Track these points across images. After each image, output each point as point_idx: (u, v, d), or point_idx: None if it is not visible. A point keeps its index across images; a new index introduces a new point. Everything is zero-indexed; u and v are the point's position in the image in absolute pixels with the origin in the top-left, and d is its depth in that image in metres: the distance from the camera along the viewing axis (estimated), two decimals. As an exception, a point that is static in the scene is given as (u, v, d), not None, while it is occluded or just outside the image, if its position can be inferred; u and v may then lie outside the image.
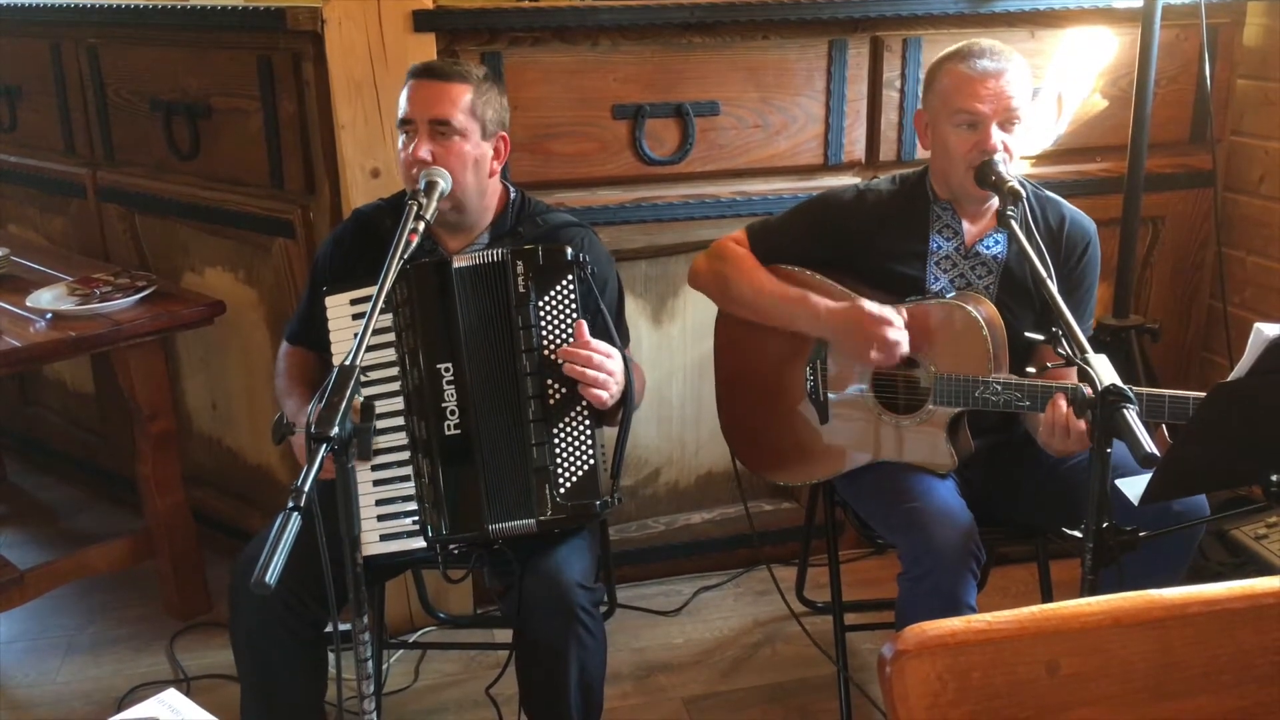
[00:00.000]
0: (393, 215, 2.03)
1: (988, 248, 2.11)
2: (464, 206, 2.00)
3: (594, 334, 1.88)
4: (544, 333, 1.87)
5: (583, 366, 1.83)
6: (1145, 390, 1.81)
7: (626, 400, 1.91)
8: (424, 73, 1.98)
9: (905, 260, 2.11)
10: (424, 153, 1.92)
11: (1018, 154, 2.02)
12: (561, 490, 1.87)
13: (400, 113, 1.97)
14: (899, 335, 1.98)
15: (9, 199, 3.38)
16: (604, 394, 1.85)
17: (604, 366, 1.85)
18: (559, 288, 1.87)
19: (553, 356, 1.86)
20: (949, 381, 1.99)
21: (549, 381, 1.87)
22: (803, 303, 2.10)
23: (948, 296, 2.06)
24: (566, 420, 1.87)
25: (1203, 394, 1.76)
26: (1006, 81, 1.97)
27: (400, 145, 1.98)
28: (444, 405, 1.88)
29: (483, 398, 1.88)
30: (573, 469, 1.87)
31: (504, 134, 2.03)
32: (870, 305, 2.01)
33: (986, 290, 2.10)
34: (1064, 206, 2.14)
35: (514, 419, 1.87)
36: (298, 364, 2.15)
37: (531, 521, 1.87)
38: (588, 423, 1.88)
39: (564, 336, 1.87)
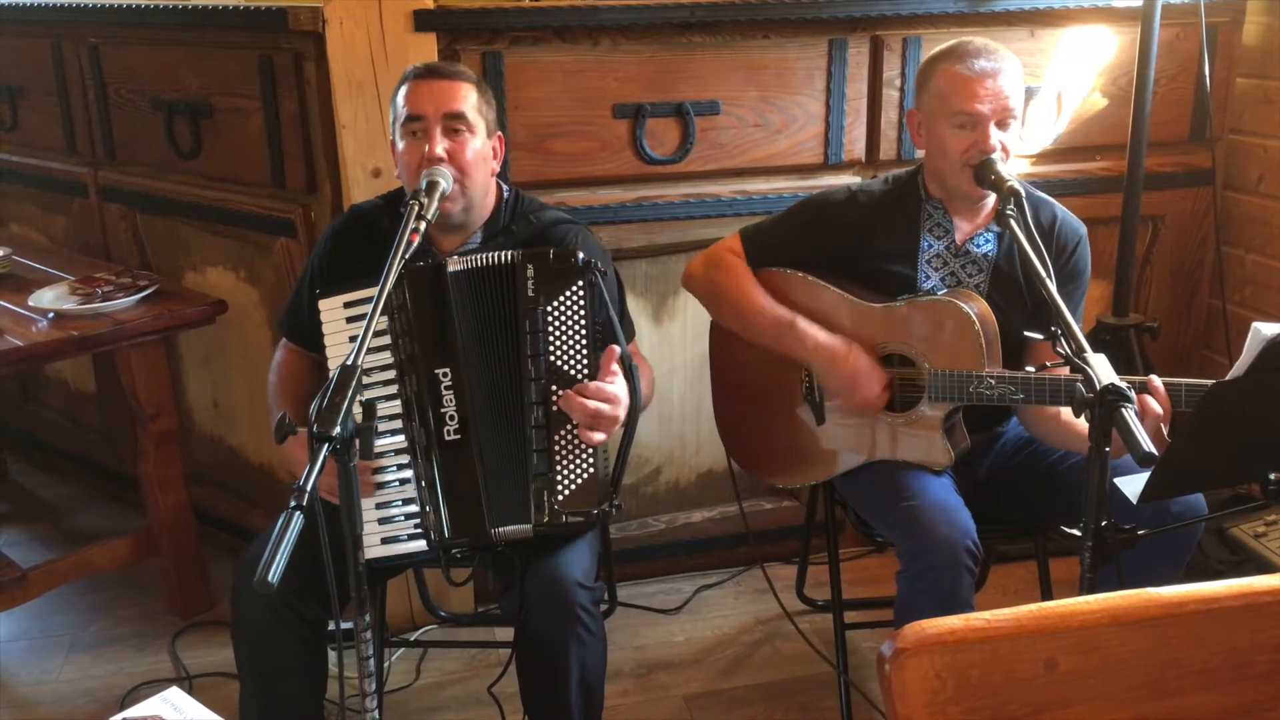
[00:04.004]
0: (390, 214, 2.02)
1: (978, 246, 2.12)
2: (472, 205, 1.97)
3: (602, 338, 1.86)
4: (550, 339, 1.83)
5: (578, 410, 1.80)
6: (1140, 379, 1.81)
7: (632, 411, 1.88)
8: (429, 73, 1.95)
9: (896, 259, 2.12)
10: (439, 149, 1.88)
11: (1014, 152, 2.03)
12: (560, 498, 1.85)
13: (405, 112, 1.92)
14: (879, 401, 2.05)
15: (11, 198, 3.39)
16: (597, 435, 1.82)
17: (601, 413, 1.81)
18: (569, 294, 1.83)
19: (558, 364, 1.83)
20: (943, 378, 2.00)
21: (553, 388, 1.83)
22: (792, 329, 2.10)
23: (939, 294, 2.07)
24: (568, 428, 1.84)
25: (1197, 380, 1.77)
26: (1003, 81, 1.98)
27: (402, 147, 1.94)
28: (443, 410, 1.85)
29: (483, 402, 1.86)
30: (572, 476, 1.85)
31: (500, 134, 2.03)
32: (861, 360, 2.04)
33: (977, 288, 2.11)
34: (1055, 207, 2.15)
35: (515, 424, 1.85)
36: (291, 374, 2.13)
37: (528, 527, 1.86)
38: None
39: (571, 344, 1.83)
